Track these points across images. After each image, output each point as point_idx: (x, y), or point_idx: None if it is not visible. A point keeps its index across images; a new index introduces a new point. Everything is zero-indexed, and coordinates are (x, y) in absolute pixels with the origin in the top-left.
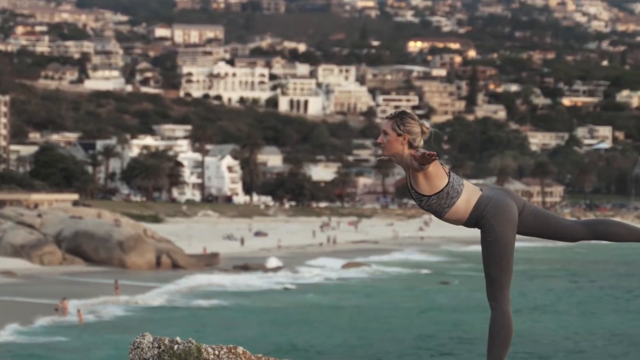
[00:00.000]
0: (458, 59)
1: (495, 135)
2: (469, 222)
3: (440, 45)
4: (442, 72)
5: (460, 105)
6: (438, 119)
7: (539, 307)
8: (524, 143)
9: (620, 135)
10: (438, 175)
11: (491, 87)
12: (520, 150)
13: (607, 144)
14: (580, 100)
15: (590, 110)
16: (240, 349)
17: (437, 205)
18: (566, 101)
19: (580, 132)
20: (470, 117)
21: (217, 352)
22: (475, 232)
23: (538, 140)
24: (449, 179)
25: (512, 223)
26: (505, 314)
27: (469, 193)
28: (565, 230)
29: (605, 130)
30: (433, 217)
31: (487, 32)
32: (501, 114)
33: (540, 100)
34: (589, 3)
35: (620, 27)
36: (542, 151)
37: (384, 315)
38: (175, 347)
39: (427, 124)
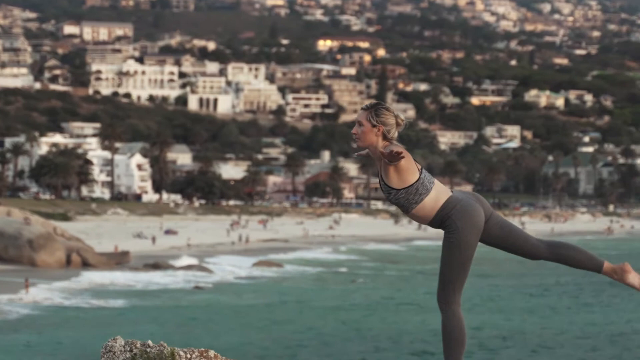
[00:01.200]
0: (367, 58)
1: (405, 134)
2: (435, 222)
3: (350, 44)
4: (352, 71)
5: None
6: (347, 117)
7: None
8: (433, 142)
9: (528, 134)
10: (409, 170)
11: (400, 86)
12: (430, 149)
13: (515, 143)
14: (489, 99)
15: (499, 109)
16: (212, 352)
17: (405, 200)
18: (475, 100)
19: (489, 131)
20: None
21: (189, 356)
22: (388, 231)
23: (447, 139)
24: (420, 175)
25: (477, 229)
26: (456, 316)
27: (439, 192)
28: (527, 247)
29: (513, 130)
30: (343, 215)
31: (396, 31)
32: (410, 113)
33: (449, 100)
34: (497, 3)
35: (529, 27)
36: (451, 150)
37: (294, 313)
38: (149, 350)
39: (402, 115)
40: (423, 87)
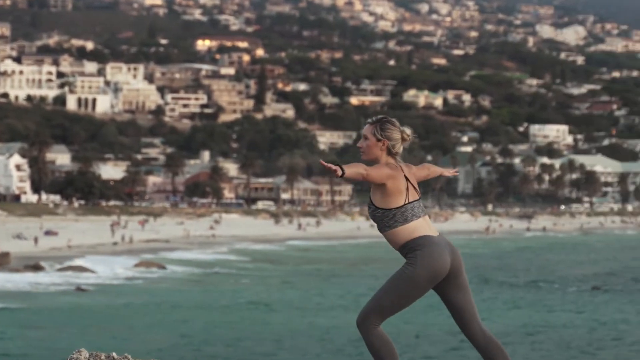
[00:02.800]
0: (246, 58)
1: (284, 134)
2: (402, 250)
3: (229, 43)
4: (231, 71)
5: (249, 103)
6: (227, 117)
7: (335, 307)
8: (313, 142)
9: None
10: (394, 195)
11: (279, 86)
12: (309, 149)
13: None
14: (368, 99)
15: (378, 109)
16: None
17: (380, 221)
18: (354, 100)
19: None
20: (259, 116)
21: None
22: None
23: (326, 139)
24: (404, 204)
25: (433, 276)
26: (379, 334)
27: (418, 227)
28: (470, 326)
29: None
30: (223, 215)
31: (275, 31)
32: (290, 112)
33: (329, 100)
34: (375, 3)
35: (407, 27)
36: (330, 150)
37: (176, 314)
38: None
39: (408, 131)
40: (302, 87)
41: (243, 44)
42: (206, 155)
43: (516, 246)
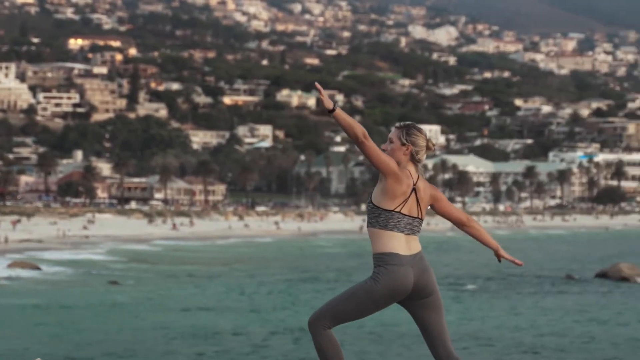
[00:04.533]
0: (119, 57)
1: (157, 134)
2: (373, 258)
3: (101, 43)
4: (104, 70)
5: (122, 103)
6: (99, 116)
7: (216, 307)
8: (186, 142)
9: (280, 134)
10: (389, 195)
11: (153, 85)
12: (182, 148)
13: (267, 143)
14: (241, 99)
15: (251, 109)
16: None
17: (368, 214)
18: (227, 100)
19: (241, 130)
20: (132, 115)
21: None
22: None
23: (199, 138)
24: (394, 211)
25: (393, 295)
26: (329, 336)
27: (395, 241)
28: (436, 347)
29: (265, 129)
30: (97, 215)
31: (148, 30)
32: (163, 112)
33: (202, 99)
34: (248, 3)
35: (280, 27)
36: (203, 150)
37: (52, 315)
38: None
39: (434, 140)
40: (175, 86)
41: (116, 43)
42: (79, 154)
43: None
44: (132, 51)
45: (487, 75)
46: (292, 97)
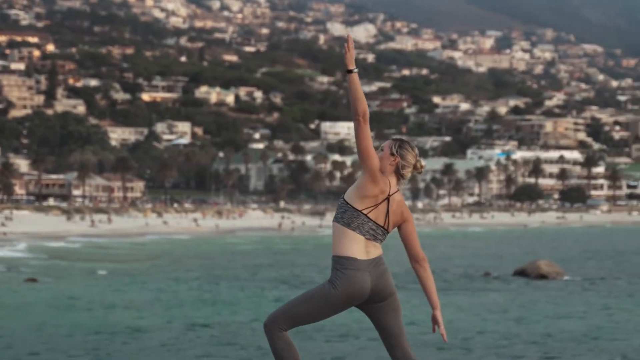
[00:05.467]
0: (37, 53)
1: (75, 130)
2: (332, 260)
3: (19, 38)
4: (21, 66)
5: (40, 99)
6: (17, 113)
7: (132, 306)
8: (104, 138)
9: (199, 130)
10: (362, 195)
11: (71, 81)
12: (101, 145)
13: (186, 140)
14: (160, 95)
15: (170, 105)
16: None
17: (337, 209)
18: (145, 96)
19: (160, 127)
20: (50, 112)
21: None
22: (61, 227)
23: (118, 135)
24: (361, 210)
25: (350, 300)
26: (284, 338)
27: (355, 244)
28: (393, 348)
29: (184, 126)
30: (14, 212)
31: (66, 27)
32: (81, 108)
33: (120, 95)
34: None
35: (198, 24)
36: (122, 146)
37: None
38: None
39: (423, 162)
40: (93, 82)
41: (33, 39)
42: None
43: (316, 243)
44: (50, 47)
45: (406, 72)
46: (211, 93)
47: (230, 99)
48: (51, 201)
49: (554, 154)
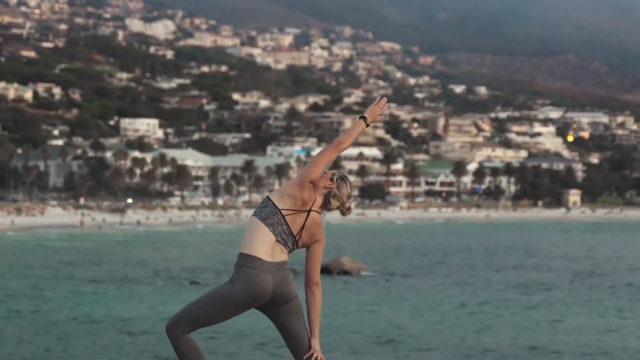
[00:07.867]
0: None
1: None
2: (238, 253)
3: None
4: None
5: None
6: None
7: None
8: None
9: None
10: (284, 193)
11: None
12: None
13: None
14: None
15: None
16: None
17: (260, 204)
18: None
19: None
20: None
21: None
22: None
23: None
24: (281, 210)
25: (251, 301)
26: (187, 340)
27: (264, 243)
28: (297, 351)
29: None
30: None
31: None
32: None
33: None
34: None
35: None
36: None
37: None
38: None
39: (348, 205)
40: None
41: None
42: None
43: (125, 240)
44: None
45: (205, 69)
46: (9, 90)
47: (28, 95)
48: None
49: (353, 151)
